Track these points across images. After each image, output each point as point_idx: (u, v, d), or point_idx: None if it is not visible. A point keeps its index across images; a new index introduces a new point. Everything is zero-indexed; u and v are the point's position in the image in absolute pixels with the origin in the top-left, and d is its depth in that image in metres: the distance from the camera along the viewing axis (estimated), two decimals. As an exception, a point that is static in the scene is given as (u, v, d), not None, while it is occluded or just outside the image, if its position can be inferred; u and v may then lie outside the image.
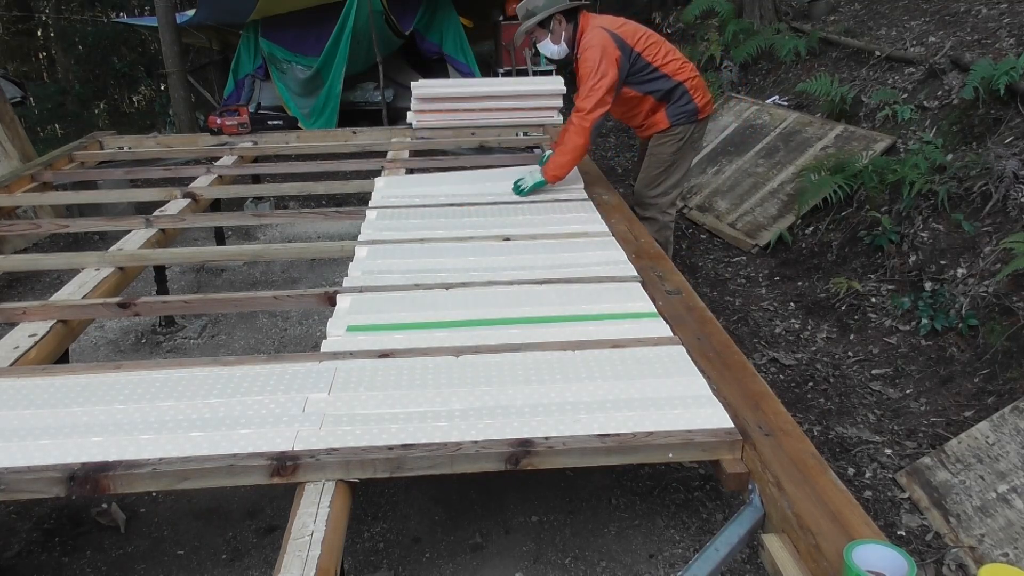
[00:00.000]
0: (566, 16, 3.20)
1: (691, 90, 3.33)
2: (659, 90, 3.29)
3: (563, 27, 3.21)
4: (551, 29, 3.22)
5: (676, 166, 3.46)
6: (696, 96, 3.35)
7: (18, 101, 9.67)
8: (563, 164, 3.23)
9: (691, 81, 3.33)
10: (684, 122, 3.35)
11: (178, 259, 3.26)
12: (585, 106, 3.11)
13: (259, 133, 4.95)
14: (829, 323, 3.49)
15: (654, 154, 3.45)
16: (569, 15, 3.21)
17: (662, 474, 2.49)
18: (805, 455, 1.53)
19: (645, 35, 3.25)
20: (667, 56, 3.28)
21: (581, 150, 3.19)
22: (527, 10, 3.20)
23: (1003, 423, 2.26)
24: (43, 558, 2.20)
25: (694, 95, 3.34)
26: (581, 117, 3.12)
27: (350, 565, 2.13)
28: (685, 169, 3.52)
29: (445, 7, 7.45)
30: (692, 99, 3.33)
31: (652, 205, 3.49)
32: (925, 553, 2.14)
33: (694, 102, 3.35)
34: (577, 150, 3.18)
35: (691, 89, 3.33)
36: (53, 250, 4.74)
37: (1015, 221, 3.19)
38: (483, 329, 2.10)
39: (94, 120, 10.39)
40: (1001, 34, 4.43)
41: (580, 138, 3.14)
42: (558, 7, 3.16)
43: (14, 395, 1.80)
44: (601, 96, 3.08)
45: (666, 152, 3.42)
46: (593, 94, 3.08)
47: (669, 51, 3.31)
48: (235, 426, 1.65)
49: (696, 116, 3.37)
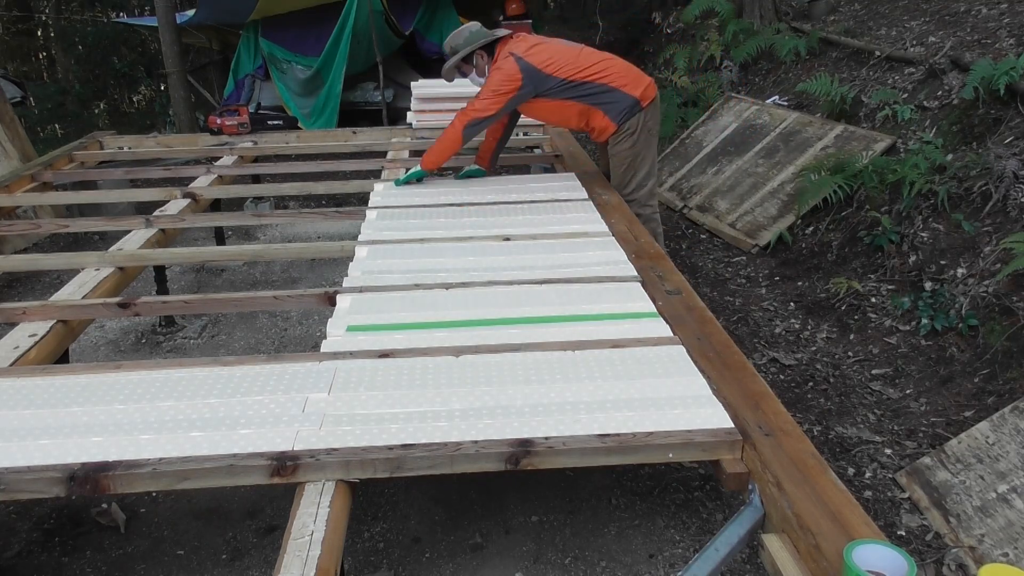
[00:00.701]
0: (486, 50, 3.39)
1: (621, 87, 3.36)
2: (581, 95, 3.35)
3: (485, 61, 3.40)
4: (475, 63, 3.41)
5: (640, 158, 3.49)
6: (630, 89, 3.37)
7: (18, 101, 9.67)
8: (436, 152, 3.45)
9: (618, 80, 3.36)
10: (628, 116, 3.39)
11: (178, 259, 3.27)
12: (469, 107, 3.31)
13: (259, 133, 4.95)
14: (829, 323, 3.49)
15: (615, 155, 3.51)
16: (489, 48, 3.39)
17: (662, 474, 2.49)
18: (805, 455, 1.53)
19: (559, 54, 3.33)
20: (587, 66, 3.33)
21: (451, 146, 3.40)
22: (451, 47, 3.40)
23: (1003, 423, 2.26)
24: (43, 558, 2.20)
25: (627, 90, 3.37)
26: (462, 113, 3.33)
27: (350, 565, 2.13)
28: (651, 158, 3.55)
29: (445, 7, 7.45)
30: (626, 93, 3.36)
31: (631, 202, 3.51)
32: (925, 553, 2.14)
33: (630, 95, 3.37)
34: (447, 141, 3.39)
35: (621, 87, 3.36)
36: (53, 250, 4.74)
37: (1015, 221, 3.19)
38: (483, 329, 2.10)
39: (94, 120, 10.39)
40: (1001, 34, 4.43)
41: (453, 133, 3.35)
42: (478, 43, 3.36)
43: (14, 395, 1.80)
44: (487, 104, 3.28)
45: (624, 148, 3.46)
46: (478, 103, 3.29)
47: (592, 61, 3.36)
48: (235, 426, 1.65)
49: (639, 106, 3.39)
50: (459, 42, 3.38)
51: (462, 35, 3.39)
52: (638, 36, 9.22)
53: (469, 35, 3.38)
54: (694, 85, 6.72)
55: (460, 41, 3.37)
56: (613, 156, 3.51)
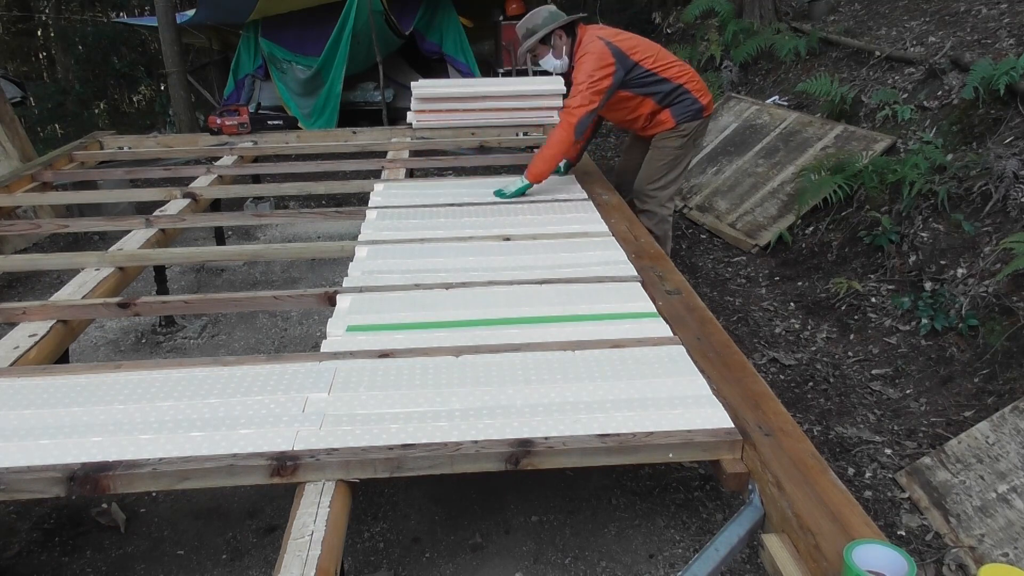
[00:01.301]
0: (565, 31, 3.29)
1: (693, 92, 3.41)
2: (659, 92, 3.37)
3: (564, 41, 3.29)
4: (552, 44, 3.31)
5: (679, 161, 3.51)
6: (699, 96, 3.43)
7: (18, 101, 9.67)
8: (546, 158, 3.28)
9: (692, 84, 3.42)
10: (690, 119, 3.42)
11: (178, 259, 3.26)
12: (572, 103, 3.20)
13: (259, 133, 4.95)
14: (829, 323, 3.49)
15: (659, 147, 3.50)
16: (568, 29, 3.30)
17: (662, 474, 2.49)
18: (805, 455, 1.53)
19: (643, 44, 3.34)
20: (666, 62, 3.36)
21: (565, 144, 3.27)
22: (527, 28, 3.29)
23: (1003, 423, 2.26)
24: (43, 558, 2.20)
25: (697, 95, 3.42)
26: (568, 112, 3.21)
27: (350, 565, 2.13)
28: (685, 165, 3.59)
29: (445, 7, 7.45)
30: (696, 99, 3.42)
31: (651, 198, 3.52)
32: (925, 553, 2.14)
33: (699, 101, 3.43)
34: (560, 144, 3.26)
35: (693, 91, 3.41)
36: (53, 250, 4.74)
37: (1015, 221, 3.19)
38: (483, 329, 2.10)
39: (94, 120, 10.39)
40: (1001, 34, 4.43)
41: (563, 133, 3.22)
42: (558, 23, 3.24)
43: (14, 395, 1.80)
44: (590, 96, 3.16)
45: (671, 146, 3.47)
46: (582, 93, 3.16)
47: (669, 58, 3.40)
48: (235, 426, 1.65)
49: (701, 114, 3.46)
50: (537, 22, 3.24)
51: (540, 15, 3.26)
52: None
53: (549, 14, 3.25)
54: (694, 85, 6.71)
55: (539, 21, 3.24)
56: (657, 148, 3.50)
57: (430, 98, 4.89)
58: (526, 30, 3.29)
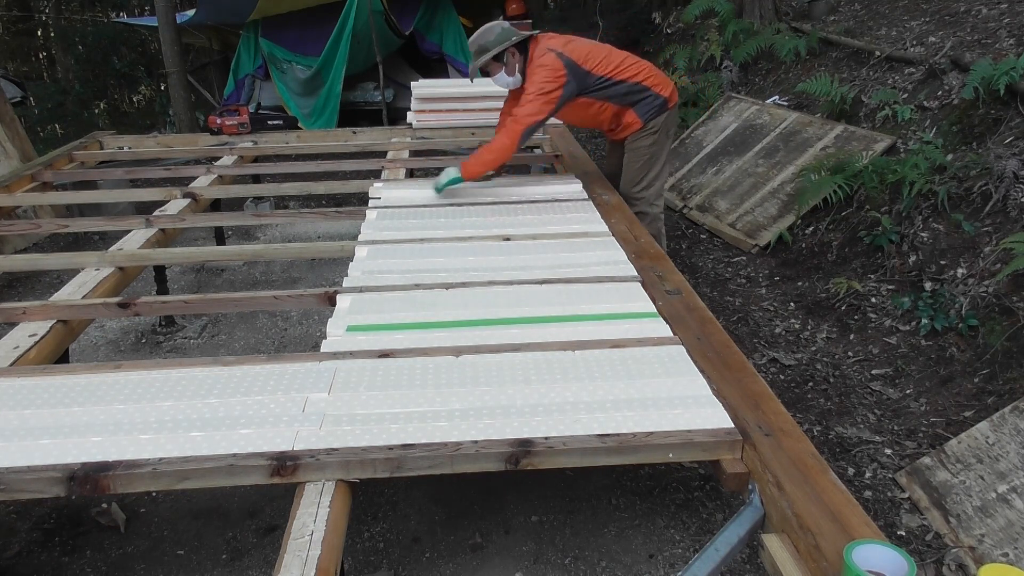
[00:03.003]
0: (518, 48, 3.28)
1: (653, 87, 3.38)
2: (617, 94, 3.34)
3: (516, 59, 3.29)
4: (505, 62, 3.29)
5: (655, 158, 3.50)
6: (660, 89, 3.40)
7: (18, 101, 9.68)
8: (484, 162, 3.26)
9: (650, 80, 3.39)
10: (656, 115, 3.41)
11: (178, 259, 3.26)
12: (521, 112, 3.18)
13: (259, 133, 4.95)
14: (829, 323, 3.49)
15: (633, 150, 3.50)
16: (521, 46, 3.29)
17: (662, 474, 2.49)
18: (805, 455, 1.53)
19: (595, 50, 3.30)
20: (620, 64, 3.32)
21: (506, 152, 3.25)
22: (479, 46, 3.26)
23: (1003, 423, 2.26)
24: (43, 558, 2.20)
25: (658, 89, 3.39)
26: (515, 121, 3.19)
27: (350, 565, 2.13)
28: (664, 158, 3.57)
29: (445, 7, 7.45)
30: (657, 94, 3.39)
31: (639, 200, 3.52)
32: (925, 553, 2.14)
33: (660, 95, 3.40)
34: (502, 151, 3.24)
35: (652, 87, 3.38)
36: (53, 250, 4.74)
37: (1015, 221, 3.19)
38: (483, 329, 2.10)
39: (94, 120, 10.39)
40: (1001, 34, 4.43)
41: (508, 139, 3.20)
42: (511, 41, 3.23)
43: (14, 395, 1.80)
44: (539, 106, 3.16)
45: (644, 145, 3.47)
46: (532, 103, 3.16)
47: (622, 59, 3.35)
48: (235, 426, 1.65)
49: (666, 106, 3.43)
50: (489, 39, 3.21)
51: (493, 32, 3.24)
52: (638, 36, 9.21)
53: (501, 31, 3.24)
54: (694, 85, 6.72)
55: (491, 39, 3.21)
56: (631, 151, 3.51)
57: (430, 98, 4.90)
58: (478, 47, 3.26)
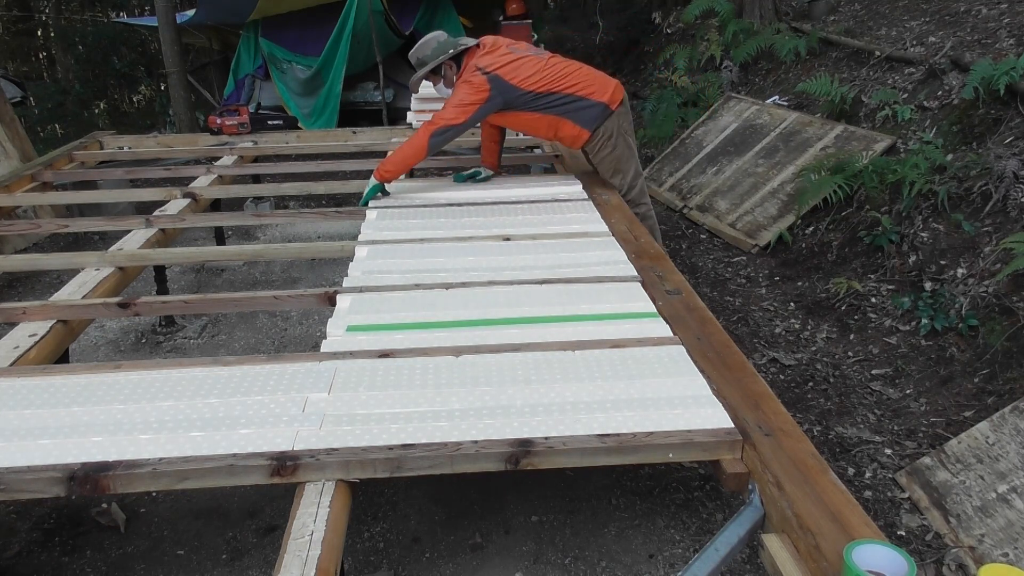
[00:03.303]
0: (455, 60, 3.35)
1: (588, 95, 3.34)
2: (547, 106, 3.31)
3: (453, 71, 3.35)
4: (443, 75, 3.37)
5: (622, 160, 3.48)
6: (597, 96, 3.36)
7: (18, 101, 9.67)
8: (395, 162, 3.31)
9: (584, 89, 3.34)
10: (601, 121, 3.37)
11: (178, 259, 3.26)
12: (436, 116, 3.24)
13: (259, 133, 4.96)
14: (829, 323, 3.49)
15: (599, 163, 3.51)
16: (457, 59, 3.35)
17: (662, 474, 2.49)
18: (805, 455, 1.53)
19: (527, 64, 3.27)
20: (554, 77, 3.30)
21: (414, 155, 3.28)
22: (417, 59, 3.36)
23: (1003, 423, 2.26)
24: (43, 558, 2.20)
25: (594, 96, 3.35)
26: (428, 123, 3.25)
27: (350, 565, 2.13)
28: (632, 156, 3.54)
29: (445, 7, 7.46)
30: (595, 100, 3.35)
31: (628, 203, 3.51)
32: (925, 553, 2.14)
33: (598, 101, 3.35)
34: (412, 149, 3.27)
35: (587, 95, 3.34)
36: (53, 250, 4.74)
37: (1015, 221, 3.19)
38: (483, 329, 2.10)
39: (94, 120, 10.39)
40: (1001, 34, 4.43)
41: (417, 140, 3.25)
42: (447, 55, 3.31)
43: (14, 395, 1.80)
44: (455, 113, 3.20)
45: (606, 155, 3.46)
46: (447, 111, 3.22)
47: (557, 72, 3.32)
48: (235, 426, 1.65)
49: (609, 110, 3.38)
50: (426, 53, 3.31)
51: (429, 46, 3.33)
52: (638, 36, 9.21)
53: (437, 45, 3.32)
54: (694, 85, 6.72)
55: (427, 52, 3.31)
56: (598, 164, 3.52)
57: (430, 98, 4.88)
58: (416, 60, 3.36)
